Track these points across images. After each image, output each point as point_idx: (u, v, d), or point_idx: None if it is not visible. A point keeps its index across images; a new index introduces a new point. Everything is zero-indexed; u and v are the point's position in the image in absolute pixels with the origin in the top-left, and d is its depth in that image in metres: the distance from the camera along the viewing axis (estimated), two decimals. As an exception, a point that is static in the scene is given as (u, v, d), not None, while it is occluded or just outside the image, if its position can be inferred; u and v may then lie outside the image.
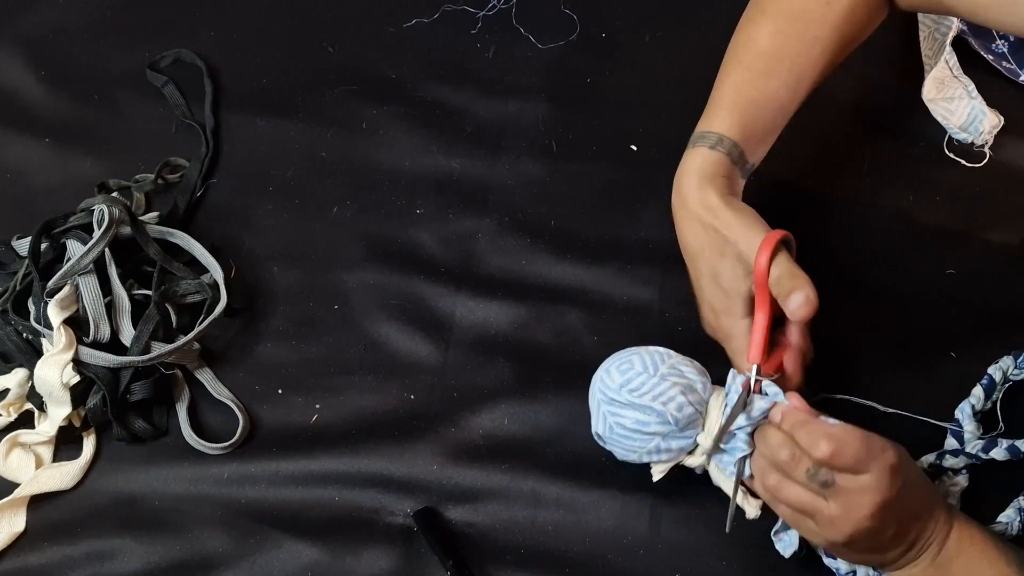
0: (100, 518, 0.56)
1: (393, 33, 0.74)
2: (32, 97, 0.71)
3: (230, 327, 0.61)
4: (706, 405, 0.50)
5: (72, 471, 0.57)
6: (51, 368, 0.55)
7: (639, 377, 0.50)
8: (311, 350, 0.60)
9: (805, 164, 0.66)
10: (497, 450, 0.56)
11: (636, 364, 0.50)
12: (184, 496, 0.56)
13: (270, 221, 0.66)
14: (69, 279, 0.57)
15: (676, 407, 0.49)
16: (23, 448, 0.57)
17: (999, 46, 0.67)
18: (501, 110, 0.69)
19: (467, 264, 0.63)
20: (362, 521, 0.54)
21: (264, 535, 0.54)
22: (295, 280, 0.63)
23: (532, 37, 0.72)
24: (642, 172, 0.65)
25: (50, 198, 0.66)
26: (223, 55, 0.73)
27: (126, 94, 0.71)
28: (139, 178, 0.67)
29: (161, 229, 0.62)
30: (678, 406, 0.49)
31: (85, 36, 0.74)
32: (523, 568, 0.53)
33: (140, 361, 0.56)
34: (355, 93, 0.71)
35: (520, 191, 0.66)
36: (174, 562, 0.54)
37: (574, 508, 0.54)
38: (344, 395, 0.59)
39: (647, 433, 0.49)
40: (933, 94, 0.65)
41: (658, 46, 0.71)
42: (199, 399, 0.59)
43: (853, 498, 0.42)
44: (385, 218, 0.65)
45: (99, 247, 0.57)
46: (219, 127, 0.70)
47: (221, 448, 0.57)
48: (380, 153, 0.68)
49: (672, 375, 0.49)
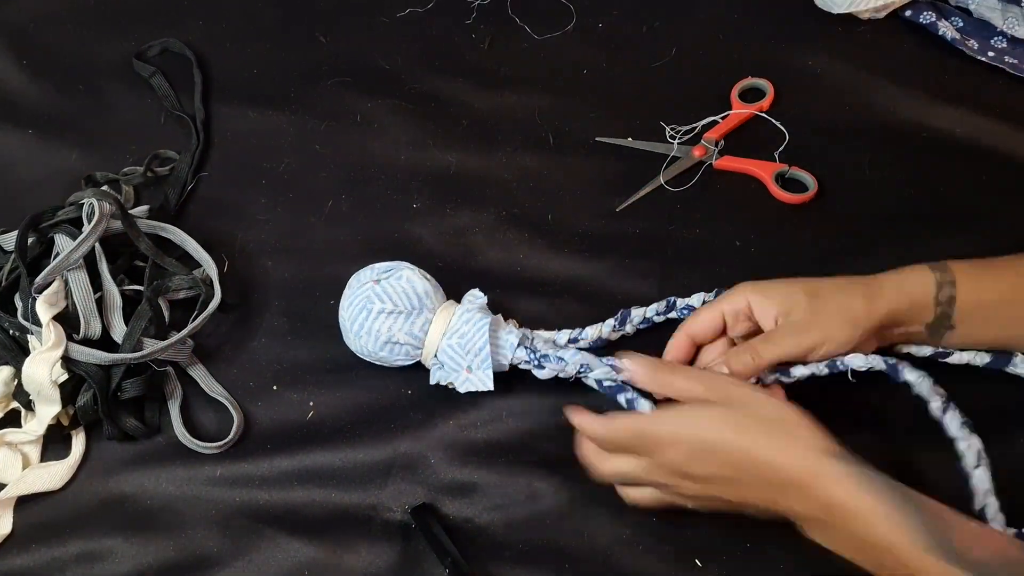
0: (90, 519, 0.55)
1: (387, 23, 0.73)
2: (15, 87, 0.69)
3: (223, 323, 0.60)
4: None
5: (61, 471, 0.55)
6: (40, 366, 0.53)
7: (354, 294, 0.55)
8: (306, 346, 0.60)
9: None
10: (495, 445, 0.56)
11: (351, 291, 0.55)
12: (177, 495, 0.55)
13: (263, 215, 0.65)
14: (58, 274, 0.56)
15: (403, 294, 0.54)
16: (10, 448, 0.56)
17: (998, 41, 0.67)
18: (497, 102, 0.69)
19: (465, 258, 0.62)
20: (359, 518, 0.54)
21: (259, 533, 0.54)
22: (290, 275, 0.62)
23: (528, 27, 0.72)
24: (640, 164, 0.65)
25: (35, 191, 0.65)
26: (213, 45, 0.72)
27: (112, 84, 0.70)
28: (128, 171, 0.65)
29: (152, 223, 0.61)
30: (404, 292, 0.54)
31: (69, 24, 0.72)
32: (521, 563, 0.52)
33: (132, 358, 0.55)
34: (348, 84, 0.70)
35: (517, 184, 0.65)
36: (167, 563, 0.53)
37: (572, 503, 0.54)
38: (340, 391, 0.58)
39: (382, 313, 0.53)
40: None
41: (655, 37, 0.71)
42: (192, 396, 0.58)
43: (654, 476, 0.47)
44: (381, 212, 0.64)
45: (89, 242, 0.56)
46: (209, 119, 0.69)
47: (215, 446, 0.56)
48: (375, 146, 0.67)
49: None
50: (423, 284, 0.55)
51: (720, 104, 0.67)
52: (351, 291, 0.55)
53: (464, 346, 0.53)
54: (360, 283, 0.55)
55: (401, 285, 0.54)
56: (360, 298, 0.54)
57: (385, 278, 0.55)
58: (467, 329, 0.53)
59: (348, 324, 0.55)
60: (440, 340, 0.54)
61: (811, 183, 0.63)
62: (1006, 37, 0.67)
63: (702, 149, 0.65)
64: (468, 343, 0.53)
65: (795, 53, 0.69)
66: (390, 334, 0.54)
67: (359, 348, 0.55)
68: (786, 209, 0.63)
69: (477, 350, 0.53)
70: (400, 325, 0.54)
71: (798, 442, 0.43)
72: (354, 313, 0.54)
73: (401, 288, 0.54)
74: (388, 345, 0.54)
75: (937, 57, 0.67)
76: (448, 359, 0.54)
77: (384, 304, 0.54)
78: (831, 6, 0.69)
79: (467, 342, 0.53)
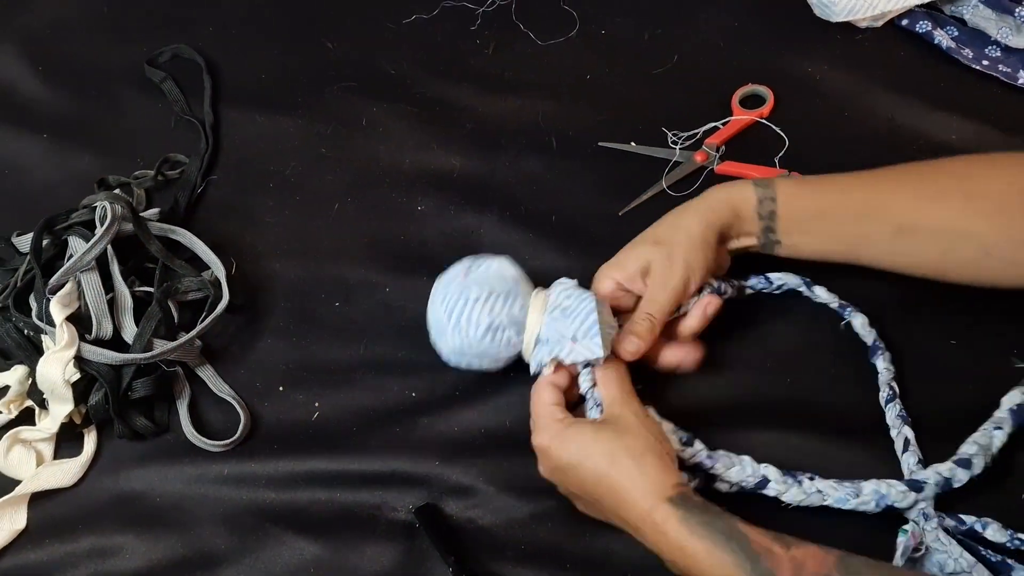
0: (101, 515, 0.56)
1: (392, 29, 0.74)
2: (30, 93, 0.70)
3: (231, 324, 0.61)
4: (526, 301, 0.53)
5: (73, 468, 0.56)
6: (53, 365, 0.54)
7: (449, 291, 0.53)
8: (312, 347, 0.60)
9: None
10: (498, 446, 0.56)
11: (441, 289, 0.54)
12: (185, 493, 0.56)
13: (271, 218, 0.66)
14: (71, 276, 0.57)
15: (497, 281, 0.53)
16: (24, 445, 0.57)
17: (992, 50, 0.67)
18: (501, 107, 0.69)
19: (469, 261, 0.63)
20: (364, 517, 0.54)
21: (266, 532, 0.54)
22: (296, 277, 0.63)
23: (532, 33, 0.72)
24: (642, 169, 0.66)
25: (49, 194, 0.66)
26: (222, 51, 0.73)
27: (125, 90, 0.71)
28: (139, 174, 0.66)
29: (163, 226, 0.62)
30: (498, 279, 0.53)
31: (83, 31, 0.73)
32: (524, 563, 0.53)
33: (142, 358, 0.56)
34: (354, 89, 0.71)
35: (521, 188, 0.66)
36: (175, 559, 0.54)
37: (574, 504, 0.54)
38: (345, 392, 0.59)
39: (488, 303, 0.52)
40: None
41: (657, 44, 0.72)
42: (200, 396, 0.59)
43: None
44: (386, 215, 0.65)
45: (102, 244, 0.57)
46: (218, 123, 0.70)
47: (222, 445, 0.57)
48: (380, 150, 0.68)
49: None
50: (512, 269, 0.53)
51: (721, 110, 0.67)
52: (442, 288, 0.53)
53: (569, 316, 0.51)
54: (450, 279, 0.53)
55: (492, 271, 0.53)
56: (454, 290, 0.52)
57: (475, 268, 0.53)
58: (570, 303, 0.52)
59: (445, 318, 0.52)
60: (542, 318, 0.52)
61: (810, 188, 0.63)
62: (1000, 46, 0.67)
63: (704, 154, 0.66)
64: (573, 313, 0.51)
65: (795, 60, 0.69)
66: (492, 317, 0.51)
67: (458, 343, 0.53)
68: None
69: (583, 318, 0.51)
70: (501, 307, 0.52)
71: (644, 480, 0.46)
72: (450, 305, 0.52)
73: (493, 275, 0.53)
74: (490, 332, 0.52)
75: (933, 65, 0.68)
76: (552, 332, 0.52)
77: (480, 291, 0.52)
78: (830, 15, 0.70)
79: (572, 312, 0.51)
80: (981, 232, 0.49)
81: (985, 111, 0.65)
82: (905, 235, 0.51)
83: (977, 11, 0.68)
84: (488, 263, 0.54)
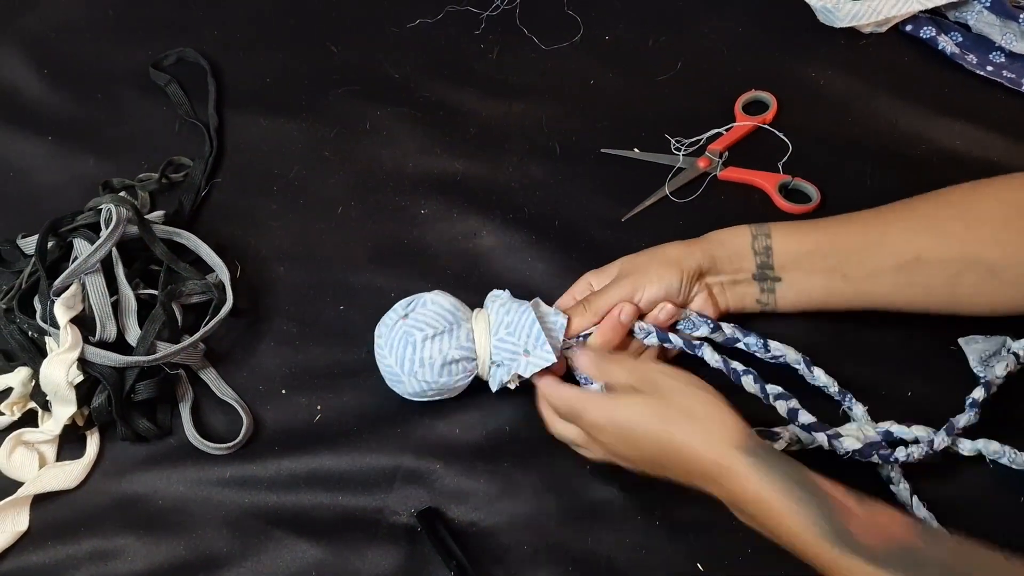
0: (103, 517, 0.56)
1: (396, 33, 0.74)
2: (35, 95, 0.70)
3: (234, 327, 0.61)
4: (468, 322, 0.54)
5: (76, 470, 0.56)
6: (57, 367, 0.54)
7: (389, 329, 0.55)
8: (315, 350, 0.60)
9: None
10: (500, 450, 0.56)
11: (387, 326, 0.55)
12: (188, 496, 0.56)
13: (275, 221, 0.66)
14: (76, 278, 0.57)
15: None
16: (27, 447, 0.57)
17: (996, 56, 0.68)
18: (505, 111, 0.69)
19: (471, 265, 0.63)
20: (366, 521, 0.54)
21: (268, 535, 0.54)
22: (300, 280, 0.63)
23: (536, 38, 0.73)
24: (645, 175, 0.66)
25: (54, 196, 0.66)
26: (226, 54, 0.73)
27: (129, 93, 0.71)
28: (143, 177, 0.67)
29: (167, 229, 0.62)
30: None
31: (88, 34, 0.74)
32: (526, 567, 0.53)
33: (146, 361, 0.56)
34: (358, 93, 0.71)
35: (524, 193, 0.66)
36: (177, 562, 0.54)
37: (577, 507, 0.54)
38: (347, 395, 0.59)
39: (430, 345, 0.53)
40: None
41: (660, 50, 0.72)
42: (202, 399, 0.59)
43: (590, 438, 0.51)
44: (390, 219, 0.65)
45: (106, 246, 0.57)
46: (222, 126, 0.70)
47: (224, 448, 0.57)
48: (383, 153, 0.68)
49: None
50: (448, 300, 0.55)
51: (724, 116, 0.68)
52: (386, 337, 0.54)
53: (514, 333, 0.52)
54: (390, 326, 0.54)
55: (429, 309, 0.54)
56: (398, 337, 0.54)
57: (411, 311, 0.54)
58: (511, 318, 0.53)
59: (398, 367, 0.54)
60: (490, 340, 0.53)
61: (814, 194, 0.63)
62: (1004, 52, 0.67)
63: (707, 160, 0.66)
64: (517, 328, 0.52)
65: (798, 66, 0.70)
66: (444, 355, 0.53)
67: (417, 387, 0.54)
68: (790, 219, 0.63)
69: (528, 330, 0.52)
70: (448, 342, 0.53)
71: (710, 434, 0.46)
72: (399, 353, 0.53)
73: (430, 311, 0.54)
74: (445, 367, 0.53)
75: (937, 71, 0.68)
76: (504, 352, 0.53)
77: (425, 331, 0.53)
78: (833, 20, 0.70)
79: (516, 328, 0.52)
80: (986, 257, 0.49)
81: (989, 117, 0.65)
82: (910, 267, 0.51)
83: (981, 17, 0.69)
84: (422, 300, 0.55)
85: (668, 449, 0.47)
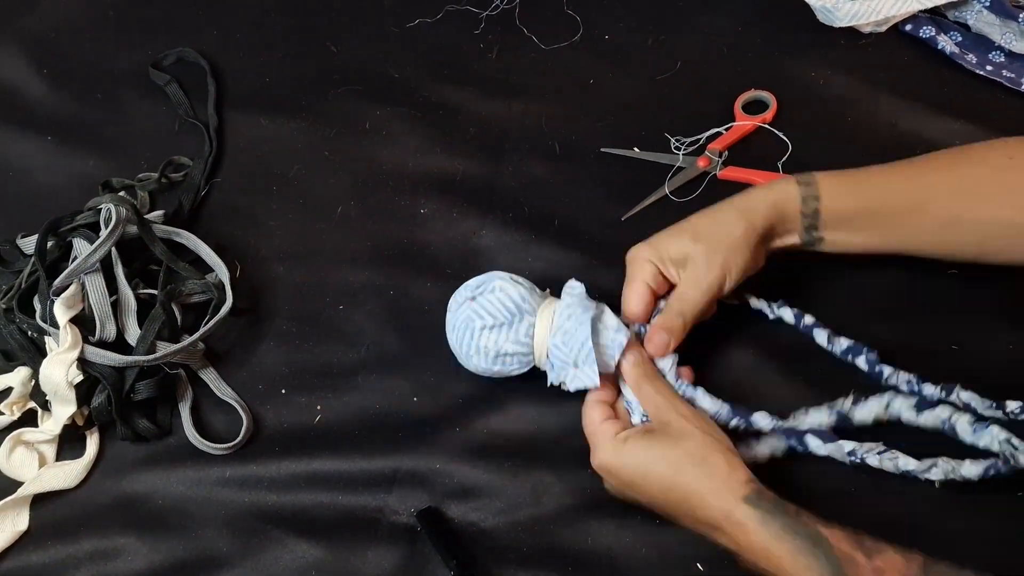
0: (103, 517, 0.56)
1: (396, 33, 0.74)
2: (35, 95, 0.71)
3: (234, 327, 0.61)
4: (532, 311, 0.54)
5: (75, 470, 0.57)
6: (57, 367, 0.55)
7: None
8: (315, 350, 0.61)
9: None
10: (501, 449, 0.56)
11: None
12: (187, 496, 0.56)
13: (275, 221, 0.66)
14: (75, 278, 0.57)
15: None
16: (27, 447, 0.57)
17: (996, 55, 0.67)
18: (504, 111, 0.70)
19: (471, 264, 0.63)
20: (366, 521, 0.55)
21: (267, 535, 0.54)
22: (299, 280, 0.63)
23: (535, 38, 0.73)
24: (645, 175, 0.66)
25: (53, 196, 0.66)
26: (226, 54, 0.73)
27: (129, 93, 0.71)
28: (143, 177, 0.67)
29: (167, 229, 0.62)
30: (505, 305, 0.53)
31: (88, 34, 0.74)
32: (526, 567, 0.53)
33: (146, 361, 0.56)
34: (358, 93, 0.71)
35: (523, 192, 0.66)
36: (177, 562, 0.54)
37: (576, 506, 0.54)
38: (348, 395, 0.59)
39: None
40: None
41: (660, 49, 0.72)
42: (202, 398, 0.59)
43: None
44: (389, 218, 0.65)
45: (106, 246, 0.57)
46: (222, 126, 0.70)
47: (224, 448, 0.57)
48: (383, 153, 0.68)
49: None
50: (517, 290, 0.54)
51: (724, 116, 0.68)
52: (452, 314, 0.55)
53: (568, 342, 0.52)
54: (458, 304, 0.55)
55: (496, 297, 0.53)
56: (461, 320, 0.54)
57: (479, 294, 0.54)
58: (570, 325, 0.52)
59: (457, 347, 0.55)
60: (547, 340, 0.53)
61: (813, 193, 0.63)
62: (1003, 52, 0.67)
63: (706, 160, 0.66)
64: (571, 339, 0.52)
65: (797, 66, 0.70)
66: (498, 348, 0.53)
67: (474, 367, 0.55)
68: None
69: (580, 346, 0.51)
70: (505, 336, 0.53)
71: (715, 483, 0.46)
72: (459, 336, 0.54)
73: (497, 300, 0.53)
74: (499, 359, 0.53)
75: (936, 70, 0.68)
76: (556, 359, 0.53)
77: (485, 320, 0.53)
78: (833, 20, 0.70)
79: (571, 337, 0.52)
80: (1019, 221, 0.51)
81: (988, 116, 0.65)
82: (951, 227, 0.52)
83: (981, 16, 0.69)
84: (492, 285, 0.54)
85: (675, 495, 0.47)
